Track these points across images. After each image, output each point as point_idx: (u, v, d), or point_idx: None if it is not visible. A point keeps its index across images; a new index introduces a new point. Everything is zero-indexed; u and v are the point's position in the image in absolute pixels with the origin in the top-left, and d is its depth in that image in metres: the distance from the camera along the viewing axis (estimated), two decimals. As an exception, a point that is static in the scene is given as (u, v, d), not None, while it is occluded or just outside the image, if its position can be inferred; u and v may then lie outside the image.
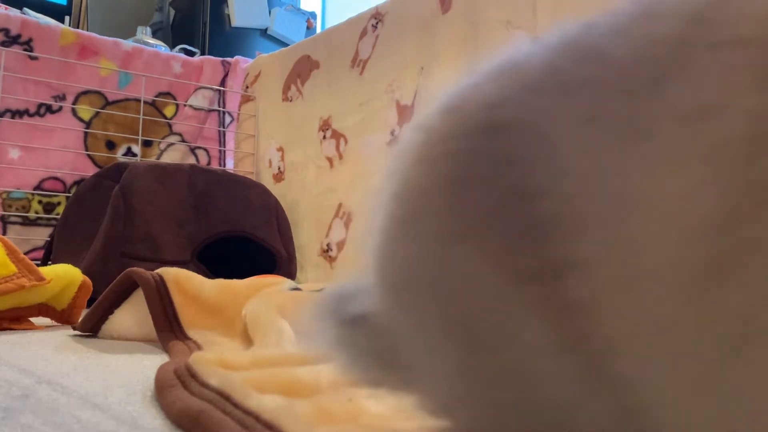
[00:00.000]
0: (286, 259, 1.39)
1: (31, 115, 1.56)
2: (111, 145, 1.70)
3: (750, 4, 0.18)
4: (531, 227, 0.22)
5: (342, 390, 0.41)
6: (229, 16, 2.30)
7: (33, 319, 0.83)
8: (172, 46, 2.08)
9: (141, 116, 1.66)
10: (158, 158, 1.73)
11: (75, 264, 0.90)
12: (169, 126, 1.78)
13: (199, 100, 1.82)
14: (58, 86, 1.60)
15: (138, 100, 1.69)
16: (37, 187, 1.56)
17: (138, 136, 1.67)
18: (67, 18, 2.30)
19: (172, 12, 2.39)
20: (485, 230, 0.23)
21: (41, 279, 0.79)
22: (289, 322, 0.62)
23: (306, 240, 1.54)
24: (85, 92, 1.65)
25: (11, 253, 0.80)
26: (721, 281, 0.17)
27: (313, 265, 1.51)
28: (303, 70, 1.66)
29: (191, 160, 1.80)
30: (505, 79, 0.26)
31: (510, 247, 0.22)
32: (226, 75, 1.88)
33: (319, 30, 2.56)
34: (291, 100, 1.70)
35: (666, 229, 0.18)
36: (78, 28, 2.13)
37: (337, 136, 1.51)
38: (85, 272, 0.87)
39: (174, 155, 1.76)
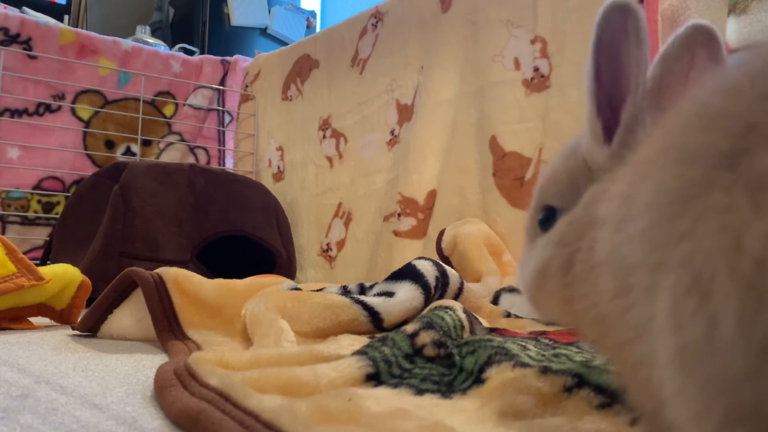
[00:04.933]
0: (285, 258, 1.39)
1: (30, 115, 1.56)
2: (110, 145, 1.69)
3: None
4: None
5: (342, 390, 0.41)
6: (228, 15, 2.30)
7: (32, 319, 0.82)
8: (171, 45, 2.08)
9: (140, 115, 1.66)
10: (157, 157, 1.73)
11: (74, 263, 0.90)
12: (169, 125, 1.78)
13: (199, 99, 1.82)
14: (57, 85, 1.60)
15: (137, 100, 1.69)
16: (36, 187, 1.56)
17: (137, 135, 1.67)
18: (66, 17, 2.30)
19: (172, 11, 2.39)
20: None
21: (40, 279, 0.79)
22: (289, 322, 0.62)
23: (306, 239, 1.54)
24: (85, 91, 1.64)
25: (10, 252, 0.80)
26: None
27: (312, 264, 1.51)
28: (303, 69, 1.66)
29: (191, 160, 1.80)
30: None
31: None
32: (225, 74, 1.88)
33: (318, 29, 2.56)
34: (291, 100, 1.70)
35: None
36: (77, 27, 2.13)
37: (336, 135, 1.51)
38: (84, 272, 0.87)
39: (173, 154, 1.76)
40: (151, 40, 2.01)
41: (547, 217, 0.35)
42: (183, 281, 0.70)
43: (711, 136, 0.20)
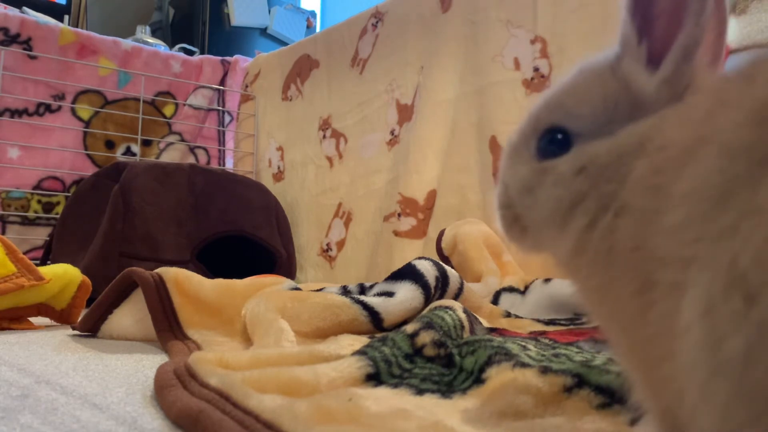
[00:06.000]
0: (285, 258, 1.39)
1: (30, 115, 1.56)
2: (110, 145, 1.69)
3: None
4: None
5: (342, 390, 0.41)
6: (228, 15, 2.30)
7: (32, 319, 0.82)
8: (171, 46, 2.08)
9: (140, 115, 1.66)
10: (157, 158, 1.73)
11: (74, 263, 0.90)
12: (169, 125, 1.78)
13: (199, 99, 1.82)
14: (57, 85, 1.60)
15: (137, 100, 1.69)
16: (37, 187, 1.56)
17: (137, 135, 1.67)
18: (66, 17, 2.30)
19: (172, 11, 2.39)
20: None
21: (40, 279, 0.79)
22: (289, 322, 0.62)
23: (306, 239, 1.54)
24: (85, 91, 1.64)
25: (10, 252, 0.80)
26: None
27: (312, 264, 1.51)
28: (303, 69, 1.66)
29: (191, 160, 1.80)
30: None
31: None
32: (225, 74, 1.88)
33: (318, 29, 2.56)
34: (291, 100, 1.70)
35: None
36: (77, 27, 2.13)
37: (336, 135, 1.51)
38: (84, 272, 0.87)
39: (173, 154, 1.76)
40: (151, 40, 2.01)
41: (554, 141, 0.30)
42: (183, 281, 0.70)
43: (761, 132, 0.19)
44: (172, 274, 0.70)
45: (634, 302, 0.23)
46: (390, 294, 0.70)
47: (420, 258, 0.76)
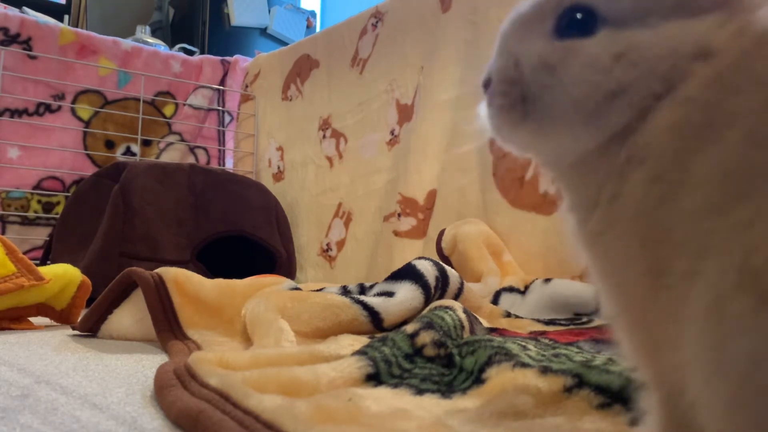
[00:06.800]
0: (285, 258, 1.39)
1: (30, 115, 1.56)
2: (110, 145, 1.69)
3: None
4: None
5: (342, 390, 0.41)
6: (228, 15, 2.30)
7: (32, 319, 0.82)
8: (171, 45, 2.08)
9: (140, 115, 1.66)
10: (157, 158, 1.73)
11: (74, 263, 0.90)
12: (169, 125, 1.78)
13: (199, 99, 1.82)
14: (57, 85, 1.60)
15: (137, 100, 1.69)
16: (36, 187, 1.56)
17: (137, 135, 1.67)
18: (66, 17, 2.30)
19: (172, 11, 2.39)
20: None
21: (40, 279, 0.79)
22: (289, 322, 0.62)
23: (305, 239, 1.54)
24: (85, 91, 1.64)
25: (10, 252, 0.80)
26: None
27: (312, 264, 1.51)
28: (303, 69, 1.66)
29: (190, 160, 1.80)
30: None
31: None
32: (225, 74, 1.88)
33: (318, 29, 2.56)
34: (291, 100, 1.70)
35: None
36: (77, 27, 2.13)
37: (336, 135, 1.51)
38: (84, 272, 0.87)
39: (173, 154, 1.76)
40: (151, 40, 2.01)
41: (574, 20, 0.27)
42: (183, 281, 0.70)
43: None
44: (172, 274, 0.70)
45: (643, 282, 0.22)
46: (390, 294, 0.70)
47: (420, 258, 0.76)
